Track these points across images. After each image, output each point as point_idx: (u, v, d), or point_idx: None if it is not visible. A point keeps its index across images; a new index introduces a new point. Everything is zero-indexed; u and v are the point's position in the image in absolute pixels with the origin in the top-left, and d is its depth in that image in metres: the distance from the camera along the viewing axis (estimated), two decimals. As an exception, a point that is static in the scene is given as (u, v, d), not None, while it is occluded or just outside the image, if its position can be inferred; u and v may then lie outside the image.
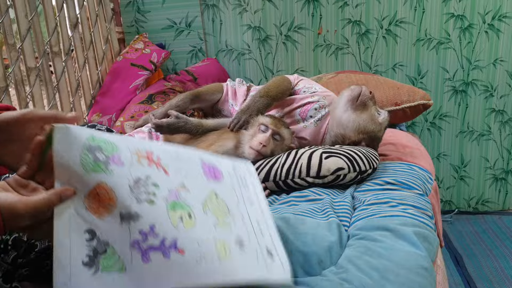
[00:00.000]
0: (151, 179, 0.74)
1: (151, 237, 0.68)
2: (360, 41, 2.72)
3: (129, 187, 0.71)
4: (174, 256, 0.69)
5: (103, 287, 0.66)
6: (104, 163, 0.71)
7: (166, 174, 0.77)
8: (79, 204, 0.68)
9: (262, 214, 0.91)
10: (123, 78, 2.42)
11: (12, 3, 1.79)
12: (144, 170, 0.74)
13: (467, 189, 2.96)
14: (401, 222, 1.14)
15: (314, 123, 1.65)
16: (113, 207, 0.69)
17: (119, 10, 2.75)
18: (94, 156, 0.70)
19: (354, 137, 1.57)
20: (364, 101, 1.57)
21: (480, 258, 2.41)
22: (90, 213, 0.68)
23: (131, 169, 0.73)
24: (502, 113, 2.79)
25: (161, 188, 0.74)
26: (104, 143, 0.73)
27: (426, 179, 1.51)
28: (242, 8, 2.72)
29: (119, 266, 0.67)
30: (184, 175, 0.80)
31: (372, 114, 1.58)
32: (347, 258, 1.03)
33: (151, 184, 0.73)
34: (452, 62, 2.72)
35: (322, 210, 1.27)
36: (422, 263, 0.99)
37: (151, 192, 0.72)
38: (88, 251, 0.66)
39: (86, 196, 0.69)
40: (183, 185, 0.78)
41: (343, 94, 1.62)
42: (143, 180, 0.73)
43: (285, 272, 0.81)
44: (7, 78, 1.75)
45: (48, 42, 2.03)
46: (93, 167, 0.69)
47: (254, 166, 1.47)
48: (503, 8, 2.60)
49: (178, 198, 0.75)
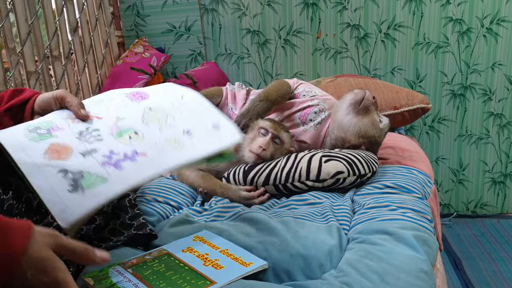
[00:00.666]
0: (90, 128, 0.94)
1: (114, 155, 0.88)
2: (359, 45, 2.73)
3: (76, 138, 0.90)
4: (139, 158, 0.89)
5: (95, 199, 0.80)
6: (47, 133, 0.90)
7: (100, 119, 0.97)
8: (42, 159, 0.83)
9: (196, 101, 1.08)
10: (122, 82, 2.42)
11: (12, 7, 1.80)
12: (81, 125, 0.94)
13: (466, 193, 2.96)
14: (401, 226, 1.14)
15: (314, 127, 1.65)
16: (71, 151, 0.86)
17: (118, 14, 2.76)
18: (36, 133, 0.89)
19: (354, 141, 1.57)
20: (367, 105, 1.57)
21: (479, 262, 2.42)
22: (53, 160, 0.84)
23: (70, 128, 0.93)
24: (501, 117, 2.80)
25: (102, 129, 0.94)
26: (39, 123, 0.92)
27: (425, 183, 1.52)
28: (241, 12, 2.73)
29: (100, 180, 0.83)
30: (114, 111, 0.99)
31: (373, 119, 1.58)
32: (347, 261, 1.03)
33: (92, 131, 0.93)
34: (450, 66, 2.73)
35: (322, 213, 1.28)
36: (422, 267, 0.99)
37: (95, 135, 0.92)
38: (68, 182, 0.81)
39: (44, 153, 0.85)
40: (118, 118, 0.97)
41: (346, 98, 1.62)
42: (84, 131, 0.92)
43: (234, 134, 1.01)
44: (7, 82, 1.75)
45: (48, 46, 2.03)
46: (40, 138, 0.88)
47: (254, 169, 1.48)
48: (501, 12, 2.61)
49: (119, 128, 0.95)
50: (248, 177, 1.48)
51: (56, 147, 0.86)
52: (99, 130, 0.93)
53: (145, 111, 1.00)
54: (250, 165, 1.51)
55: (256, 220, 1.19)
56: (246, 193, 1.43)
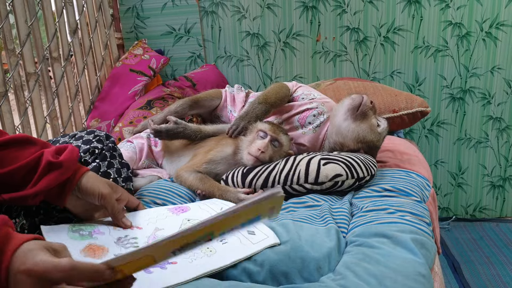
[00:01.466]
0: (129, 236, 1.01)
1: None
2: (358, 48, 2.73)
3: (114, 242, 0.97)
4: (169, 267, 0.93)
5: None
6: (88, 234, 0.98)
7: (140, 229, 1.06)
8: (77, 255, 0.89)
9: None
10: (122, 83, 2.42)
11: (12, 9, 1.80)
12: (121, 232, 1.02)
13: (465, 196, 2.96)
14: (399, 229, 1.14)
15: (313, 130, 1.65)
16: (106, 252, 0.93)
17: (118, 16, 2.77)
18: (78, 234, 0.97)
19: (352, 146, 1.57)
20: (364, 111, 1.57)
21: (477, 265, 2.42)
22: (88, 257, 0.90)
23: (110, 233, 1.01)
24: (500, 121, 2.80)
25: (139, 238, 1.01)
26: (83, 225, 1.01)
27: (423, 186, 1.52)
28: (241, 15, 2.73)
29: None
30: (154, 223, 1.09)
31: (372, 124, 1.58)
32: (345, 264, 1.03)
33: (131, 238, 1.00)
34: (449, 70, 2.73)
35: (320, 216, 1.28)
36: (419, 270, 0.99)
37: (132, 242, 0.99)
38: None
39: (82, 250, 0.92)
40: (157, 228, 1.06)
41: (344, 103, 1.61)
42: (123, 238, 1.00)
43: (269, 237, 1.06)
44: (6, 83, 1.75)
45: (47, 47, 2.03)
46: (80, 238, 0.96)
47: (253, 172, 1.48)
48: (500, 16, 2.62)
49: (156, 237, 1.01)
50: (246, 179, 1.48)
51: (93, 246, 0.94)
52: (137, 238, 1.01)
53: (183, 222, 1.09)
54: (249, 168, 1.50)
55: (254, 222, 1.19)
56: (244, 196, 1.42)
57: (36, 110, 1.94)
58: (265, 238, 1.06)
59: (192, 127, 1.69)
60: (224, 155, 1.56)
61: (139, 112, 2.20)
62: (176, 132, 1.66)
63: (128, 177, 1.33)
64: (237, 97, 1.89)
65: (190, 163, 1.60)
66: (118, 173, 1.28)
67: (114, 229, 1.04)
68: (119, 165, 1.30)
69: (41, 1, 1.99)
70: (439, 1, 2.63)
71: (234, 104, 1.88)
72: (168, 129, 1.65)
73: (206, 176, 1.53)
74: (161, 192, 1.46)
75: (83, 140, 1.27)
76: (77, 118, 2.25)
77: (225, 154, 1.56)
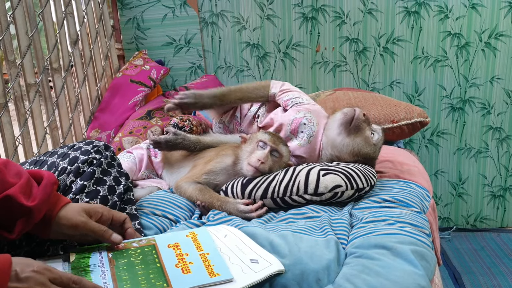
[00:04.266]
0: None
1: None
2: (358, 58, 2.74)
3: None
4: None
5: None
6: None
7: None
8: None
9: (238, 238, 1.15)
10: (122, 94, 2.43)
11: (12, 20, 1.81)
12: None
13: (465, 206, 2.95)
14: (399, 240, 1.14)
15: (307, 140, 1.64)
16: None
17: (119, 27, 2.78)
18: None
19: (349, 159, 1.58)
20: (358, 125, 1.57)
21: (478, 276, 2.40)
22: None
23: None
24: (500, 131, 2.80)
25: None
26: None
27: (423, 197, 1.51)
28: (241, 25, 2.75)
29: None
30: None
31: (366, 136, 1.57)
32: (344, 276, 1.03)
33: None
34: (449, 80, 2.74)
35: (320, 227, 1.27)
36: (419, 282, 0.99)
37: None
38: None
39: None
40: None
41: (336, 117, 1.61)
42: None
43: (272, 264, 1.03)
44: (6, 94, 1.76)
45: (48, 58, 2.04)
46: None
47: (252, 183, 1.47)
48: (499, 27, 2.63)
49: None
50: (246, 190, 1.47)
51: None
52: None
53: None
54: (248, 178, 1.50)
55: (253, 234, 1.19)
56: (244, 207, 1.42)
57: (36, 120, 1.94)
58: (268, 266, 1.03)
59: (191, 138, 1.69)
60: (224, 165, 1.56)
61: (139, 122, 2.20)
62: (175, 143, 1.66)
63: (128, 187, 1.33)
64: (243, 106, 1.90)
65: (189, 174, 1.60)
66: (117, 181, 1.28)
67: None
68: (118, 174, 1.30)
69: (42, 12, 2.00)
70: (438, 12, 2.64)
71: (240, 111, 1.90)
72: (168, 140, 1.65)
73: (205, 187, 1.53)
74: (161, 203, 1.46)
75: (81, 150, 1.27)
76: (77, 129, 2.25)
77: (225, 165, 1.56)
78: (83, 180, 1.22)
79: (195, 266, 0.99)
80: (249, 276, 0.99)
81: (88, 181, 1.22)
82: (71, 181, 1.22)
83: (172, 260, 1.01)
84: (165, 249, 1.05)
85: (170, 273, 0.96)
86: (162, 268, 0.98)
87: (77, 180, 1.22)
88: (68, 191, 1.21)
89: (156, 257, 1.02)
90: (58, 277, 0.84)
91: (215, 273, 0.97)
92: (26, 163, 1.33)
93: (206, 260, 1.02)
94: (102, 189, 1.23)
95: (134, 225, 1.27)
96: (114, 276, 0.95)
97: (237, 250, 1.09)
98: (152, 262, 1.00)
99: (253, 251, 1.10)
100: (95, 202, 1.20)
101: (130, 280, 0.94)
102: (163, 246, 1.06)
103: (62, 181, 1.21)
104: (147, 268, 0.98)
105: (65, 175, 1.22)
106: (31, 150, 1.88)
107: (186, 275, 0.96)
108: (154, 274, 0.96)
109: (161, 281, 0.94)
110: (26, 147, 1.86)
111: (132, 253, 1.03)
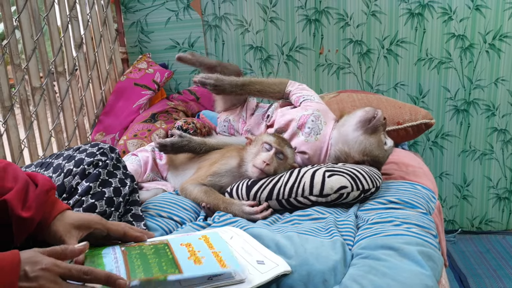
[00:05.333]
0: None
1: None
2: (362, 60, 2.74)
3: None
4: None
5: None
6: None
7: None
8: None
9: (244, 239, 1.16)
10: (126, 97, 2.43)
11: (18, 24, 1.82)
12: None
13: (470, 209, 2.94)
14: (405, 241, 1.13)
15: (314, 137, 1.65)
16: None
17: (123, 30, 2.79)
18: None
19: (357, 158, 1.57)
20: (376, 126, 1.57)
21: (484, 279, 2.39)
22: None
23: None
24: (504, 132, 2.79)
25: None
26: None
27: (429, 198, 1.51)
28: (244, 28, 2.75)
29: None
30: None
31: (380, 139, 1.58)
32: (351, 277, 1.02)
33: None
34: (453, 82, 2.73)
35: (326, 229, 1.27)
36: (427, 282, 0.98)
37: None
38: None
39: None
40: None
41: (356, 113, 1.61)
42: None
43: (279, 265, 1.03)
44: (12, 97, 1.77)
45: (53, 62, 2.05)
46: None
47: (257, 184, 1.47)
48: (504, 28, 2.62)
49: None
50: (251, 192, 1.47)
51: None
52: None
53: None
54: (253, 180, 1.50)
55: (259, 235, 1.18)
56: (249, 208, 1.42)
57: (41, 124, 1.94)
58: (274, 266, 1.03)
59: (196, 140, 1.70)
60: (229, 167, 1.56)
61: (144, 125, 2.20)
62: (181, 146, 1.66)
63: (133, 188, 1.33)
64: (249, 105, 1.92)
65: (194, 176, 1.60)
66: (122, 183, 1.28)
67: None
68: (123, 176, 1.30)
69: (47, 16, 2.01)
70: (442, 14, 2.64)
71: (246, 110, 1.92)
72: (173, 143, 1.65)
73: (211, 189, 1.53)
74: (166, 205, 1.46)
75: (87, 152, 1.28)
76: (82, 132, 2.26)
77: (230, 167, 1.56)
78: (88, 182, 1.22)
79: (207, 260, 1.00)
80: (255, 277, 0.99)
81: (93, 183, 1.22)
82: (77, 183, 1.22)
83: (185, 254, 1.02)
84: (178, 247, 1.06)
85: (182, 263, 0.98)
86: (174, 259, 0.99)
87: (82, 181, 1.22)
88: (74, 193, 1.21)
89: (169, 251, 1.03)
90: (68, 271, 0.83)
91: (225, 264, 0.98)
92: (32, 165, 1.34)
93: (217, 256, 1.02)
94: (107, 191, 1.23)
95: (139, 226, 1.27)
96: (126, 261, 0.97)
97: (243, 252, 1.09)
98: (165, 255, 1.02)
99: (259, 252, 1.10)
100: (100, 203, 1.20)
101: (142, 266, 0.96)
102: (176, 245, 1.07)
103: (68, 183, 1.22)
104: (159, 258, 1.00)
105: (71, 177, 1.23)
106: (36, 153, 1.88)
107: (197, 266, 0.98)
108: (166, 263, 0.98)
109: (173, 269, 0.95)
110: (32, 150, 1.86)
111: (145, 247, 1.05)
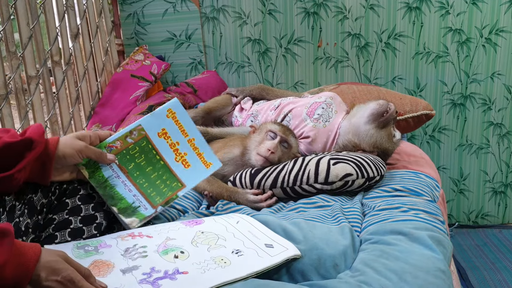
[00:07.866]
0: (138, 245, 0.99)
1: (154, 273, 0.90)
2: (360, 54, 2.73)
3: (120, 255, 0.95)
4: (180, 277, 0.89)
5: None
6: (94, 249, 0.97)
7: (150, 238, 1.03)
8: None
9: (251, 224, 1.15)
10: (123, 89, 2.40)
11: (14, 11, 1.78)
12: (129, 243, 1.00)
13: (467, 203, 2.95)
14: (415, 226, 1.12)
15: (323, 124, 1.63)
16: (111, 268, 0.91)
17: (119, 22, 2.75)
18: (83, 250, 0.97)
19: (368, 149, 1.57)
20: (389, 120, 1.57)
21: (483, 271, 2.39)
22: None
23: (118, 245, 0.99)
24: (500, 126, 2.80)
25: (149, 246, 0.99)
26: (89, 241, 1.02)
27: (433, 186, 1.50)
28: (242, 21, 2.73)
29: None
30: (166, 233, 1.06)
31: (390, 132, 1.58)
32: (362, 261, 1.01)
33: (139, 247, 0.98)
34: (450, 76, 2.74)
35: (332, 216, 1.26)
36: (439, 266, 0.97)
37: (141, 251, 0.96)
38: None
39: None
40: (168, 238, 1.03)
41: (369, 105, 1.60)
42: (131, 248, 0.98)
43: (288, 249, 1.01)
44: (7, 85, 1.73)
45: (49, 51, 2.01)
46: (85, 255, 0.95)
47: (261, 172, 1.45)
48: (500, 23, 2.63)
49: (167, 247, 0.99)
50: (255, 180, 1.45)
51: (98, 263, 0.92)
52: (146, 247, 0.98)
53: (196, 234, 1.06)
54: (257, 169, 1.48)
55: (266, 221, 1.16)
56: (253, 197, 1.40)
57: (36, 114, 1.90)
58: (284, 250, 1.01)
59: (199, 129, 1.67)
60: (232, 156, 1.54)
61: (140, 117, 2.17)
62: (182, 134, 1.64)
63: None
64: (245, 105, 1.92)
65: (196, 164, 1.57)
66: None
67: (122, 240, 1.02)
68: None
69: (43, 4, 1.97)
70: (439, 8, 2.64)
71: (241, 111, 1.91)
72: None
73: (213, 178, 1.50)
74: (168, 193, 1.43)
75: None
76: (77, 123, 2.22)
77: (233, 155, 1.54)
78: None
79: (190, 157, 1.18)
80: (265, 260, 0.97)
81: None
82: None
83: (170, 154, 1.18)
84: (157, 139, 1.18)
85: (175, 170, 1.16)
86: (167, 166, 1.17)
87: None
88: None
89: (155, 153, 1.17)
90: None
91: (207, 162, 1.19)
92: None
93: (195, 148, 1.20)
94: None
95: None
96: (136, 186, 1.11)
97: (251, 236, 1.08)
98: (156, 161, 1.17)
99: (267, 236, 1.08)
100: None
101: (152, 188, 1.12)
102: (154, 136, 1.18)
103: None
104: (155, 169, 1.16)
105: None
106: (32, 143, 1.84)
107: (188, 170, 1.17)
108: (165, 174, 1.15)
109: (175, 182, 1.16)
110: (27, 140, 1.82)
111: (133, 153, 1.16)
